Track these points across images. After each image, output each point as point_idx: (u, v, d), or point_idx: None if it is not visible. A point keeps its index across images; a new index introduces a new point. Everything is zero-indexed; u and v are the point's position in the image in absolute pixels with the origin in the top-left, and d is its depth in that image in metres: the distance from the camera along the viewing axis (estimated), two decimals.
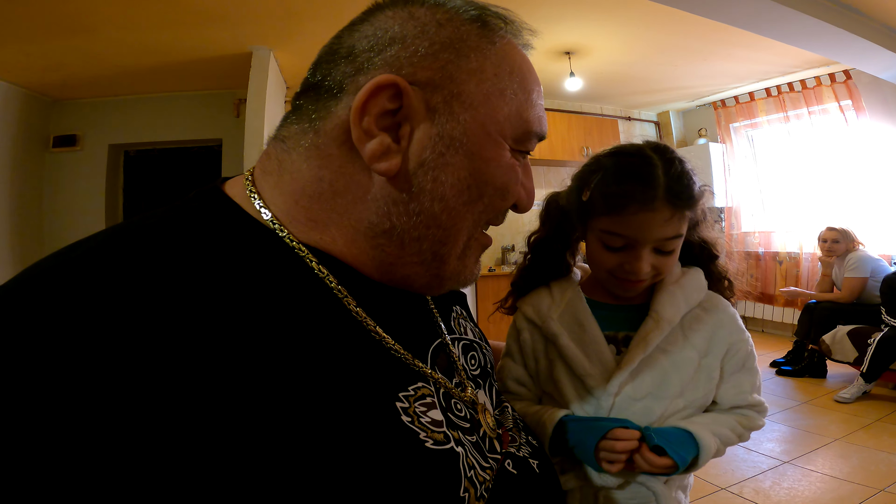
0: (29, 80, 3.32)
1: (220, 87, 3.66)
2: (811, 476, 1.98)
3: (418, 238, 0.40)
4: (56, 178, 3.70)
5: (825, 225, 3.42)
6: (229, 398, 0.29)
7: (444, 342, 0.50)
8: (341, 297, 0.39)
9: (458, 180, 0.40)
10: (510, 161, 0.42)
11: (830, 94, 3.90)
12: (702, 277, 0.74)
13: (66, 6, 2.40)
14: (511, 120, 0.41)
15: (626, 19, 3.00)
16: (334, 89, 0.39)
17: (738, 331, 0.72)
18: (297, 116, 0.41)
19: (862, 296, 3.17)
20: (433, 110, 0.38)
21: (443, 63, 0.38)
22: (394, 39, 0.38)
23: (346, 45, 0.40)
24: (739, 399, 0.71)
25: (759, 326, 4.57)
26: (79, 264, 0.31)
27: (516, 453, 0.50)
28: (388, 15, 0.40)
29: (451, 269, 0.43)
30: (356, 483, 0.32)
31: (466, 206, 0.41)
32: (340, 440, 0.33)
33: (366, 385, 0.37)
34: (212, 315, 0.32)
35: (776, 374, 3.32)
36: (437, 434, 0.39)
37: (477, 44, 0.40)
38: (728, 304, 0.74)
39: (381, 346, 0.40)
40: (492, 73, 0.40)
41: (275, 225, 0.39)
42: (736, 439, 0.70)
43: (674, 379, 0.67)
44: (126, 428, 0.26)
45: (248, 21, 2.69)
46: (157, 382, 0.28)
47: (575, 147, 4.49)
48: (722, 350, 0.70)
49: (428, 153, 0.39)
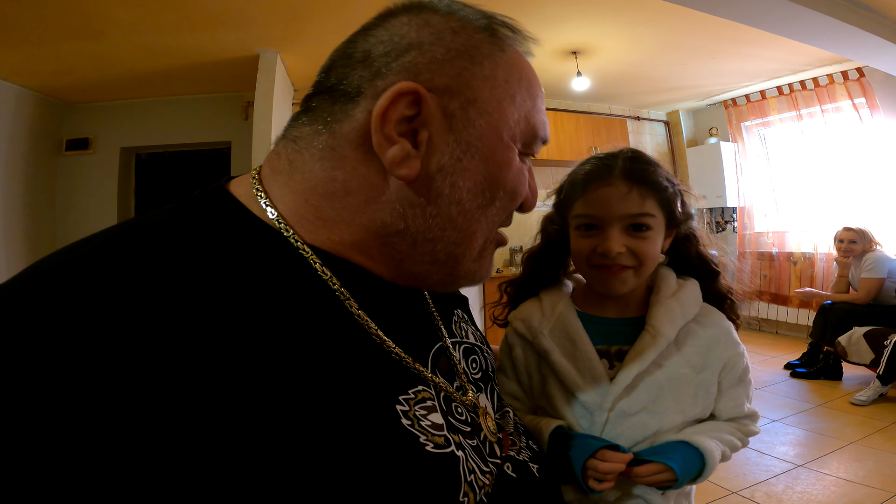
0: (41, 83, 3.38)
1: (228, 89, 3.70)
2: (825, 480, 1.93)
3: (432, 239, 0.41)
4: (69, 181, 3.76)
5: (840, 225, 3.36)
6: (228, 400, 0.29)
7: (444, 346, 0.50)
8: (343, 300, 0.39)
9: (475, 184, 0.41)
10: (520, 164, 0.44)
11: (844, 91, 3.84)
12: (698, 290, 0.73)
13: (77, 10, 2.44)
14: (520, 124, 0.42)
15: (632, 18, 2.97)
16: (352, 93, 0.39)
17: (733, 345, 0.71)
18: (310, 118, 0.41)
19: (879, 297, 3.11)
20: (450, 116, 0.39)
21: (459, 70, 0.39)
22: (411, 45, 0.39)
23: (361, 50, 0.40)
24: (737, 411, 0.71)
25: (773, 328, 4.50)
26: (80, 264, 0.31)
27: (516, 457, 0.49)
28: (403, 21, 0.40)
29: (466, 268, 0.44)
30: (356, 486, 0.32)
31: (481, 209, 0.42)
32: (340, 443, 0.33)
33: (366, 388, 0.37)
34: (212, 316, 0.32)
35: (791, 377, 3.25)
36: (437, 437, 0.39)
37: (489, 51, 0.41)
38: (722, 317, 0.73)
39: (382, 350, 0.40)
40: (503, 80, 0.41)
41: (280, 224, 0.39)
42: (739, 444, 0.70)
43: (668, 394, 0.66)
44: (125, 428, 0.26)
45: (255, 24, 2.72)
46: (156, 383, 0.28)
47: (583, 147, 4.47)
48: (719, 366, 0.70)
49: (446, 158, 0.39)
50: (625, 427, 0.65)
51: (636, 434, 0.65)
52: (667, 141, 5.35)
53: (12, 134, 3.34)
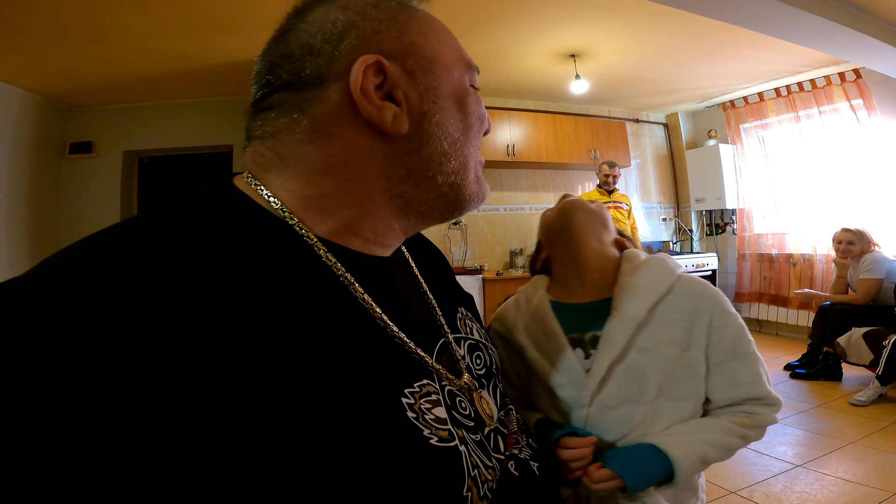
0: (45, 87, 3.40)
1: (229, 93, 3.73)
2: (824, 480, 1.93)
3: (433, 175, 0.45)
4: (72, 184, 3.78)
5: (839, 226, 3.36)
6: (234, 388, 0.30)
7: (447, 341, 0.51)
8: (348, 285, 0.41)
9: (454, 118, 0.46)
10: (475, 93, 0.49)
11: (841, 93, 3.85)
12: (666, 263, 0.68)
13: (80, 14, 2.46)
14: (459, 62, 0.48)
15: (629, 21, 2.99)
16: (315, 81, 0.42)
17: (721, 314, 0.65)
18: (278, 112, 0.43)
19: (877, 297, 3.10)
20: (410, 72, 0.44)
21: (397, 34, 0.44)
22: (346, 27, 0.42)
23: (297, 45, 0.43)
24: (736, 393, 0.64)
25: (773, 329, 4.49)
26: (93, 258, 0.32)
27: (518, 455, 0.51)
28: (321, 11, 0.44)
29: (470, 191, 0.48)
30: (360, 477, 0.33)
31: (464, 136, 0.47)
32: (346, 434, 0.33)
33: (372, 377, 0.38)
34: (221, 307, 0.33)
35: (791, 378, 3.25)
36: (441, 431, 0.40)
37: (409, 14, 0.46)
38: (707, 286, 0.68)
39: (386, 335, 0.42)
40: (430, 32, 0.46)
41: (285, 213, 0.41)
42: (740, 442, 0.63)
43: (652, 379, 0.62)
44: (135, 420, 0.27)
45: (255, 28, 2.74)
46: (164, 370, 0.29)
47: (582, 149, 4.48)
48: (703, 339, 0.64)
49: (426, 105, 0.44)
50: (609, 421, 0.62)
51: (622, 427, 0.62)
52: (666, 143, 5.36)
53: (16, 137, 3.36)
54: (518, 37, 3.16)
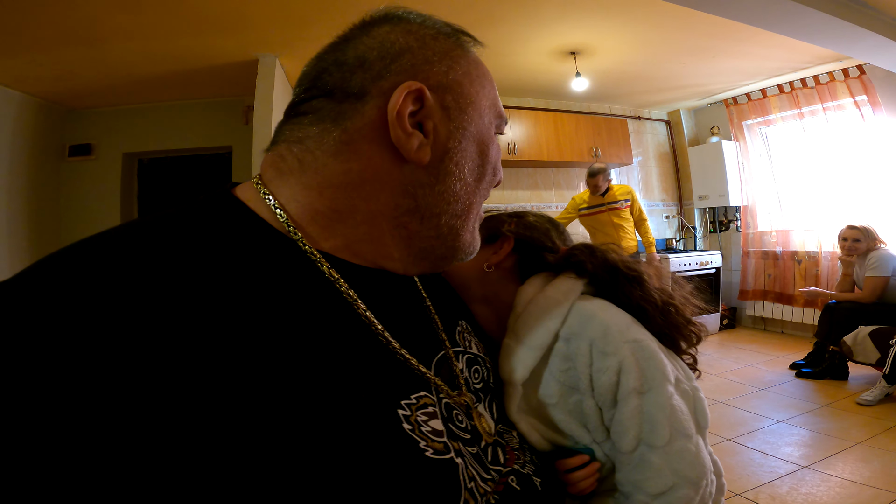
0: (43, 89, 3.40)
1: (228, 94, 3.72)
2: (830, 481, 1.91)
3: (438, 214, 0.46)
4: (72, 186, 3.78)
5: (845, 223, 3.33)
6: (229, 398, 0.31)
7: (447, 355, 0.52)
8: (351, 301, 0.42)
9: (472, 162, 0.47)
10: (497, 144, 0.51)
11: (845, 89, 3.81)
12: (556, 292, 0.62)
13: (78, 16, 2.45)
14: (491, 109, 0.50)
15: (630, 18, 2.97)
16: (358, 94, 0.43)
17: (600, 355, 0.56)
18: (313, 119, 0.44)
19: (884, 295, 3.08)
20: (446, 108, 0.45)
21: (445, 69, 0.45)
22: (402, 50, 0.44)
23: (353, 56, 0.44)
24: (622, 446, 0.55)
25: (778, 327, 4.47)
26: (86, 264, 0.32)
27: (521, 470, 0.51)
28: (386, 30, 0.45)
29: (464, 240, 0.49)
30: (355, 489, 0.33)
31: (476, 182, 0.48)
32: (341, 445, 0.34)
33: (369, 390, 0.38)
34: (215, 317, 0.33)
35: (796, 377, 3.22)
36: (437, 443, 0.40)
37: (460, 53, 0.48)
38: (594, 316, 0.58)
39: (388, 350, 0.43)
40: (475, 75, 0.48)
41: (289, 228, 0.42)
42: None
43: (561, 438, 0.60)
44: (126, 425, 0.27)
45: (254, 29, 2.73)
46: (158, 381, 0.29)
47: (584, 147, 4.45)
48: (583, 388, 0.58)
49: (450, 143, 0.45)
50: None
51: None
52: (668, 140, 5.33)
53: (14, 141, 3.36)
54: (518, 34, 3.14)
